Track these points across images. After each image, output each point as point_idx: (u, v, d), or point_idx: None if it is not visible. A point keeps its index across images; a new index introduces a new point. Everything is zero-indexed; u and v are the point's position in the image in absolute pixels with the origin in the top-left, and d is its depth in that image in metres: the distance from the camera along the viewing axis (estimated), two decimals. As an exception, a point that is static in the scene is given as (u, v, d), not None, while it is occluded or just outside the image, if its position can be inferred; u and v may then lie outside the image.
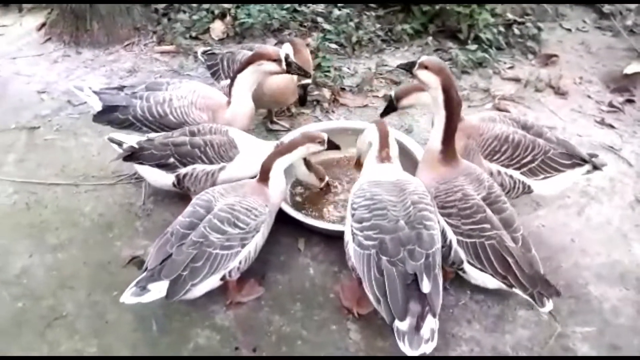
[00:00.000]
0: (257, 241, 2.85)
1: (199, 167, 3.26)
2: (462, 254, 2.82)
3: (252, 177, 3.12)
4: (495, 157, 3.27)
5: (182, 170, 3.27)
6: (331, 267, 3.23)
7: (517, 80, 4.94)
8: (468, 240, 2.79)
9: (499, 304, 3.04)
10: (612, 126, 4.41)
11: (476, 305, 3.05)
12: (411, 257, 2.51)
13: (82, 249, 3.32)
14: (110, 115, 3.60)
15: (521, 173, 3.26)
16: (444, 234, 2.85)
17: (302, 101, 4.06)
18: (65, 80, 4.87)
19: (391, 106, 3.66)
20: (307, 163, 3.47)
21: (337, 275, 3.19)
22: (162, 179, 3.34)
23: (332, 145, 3.28)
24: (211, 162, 3.27)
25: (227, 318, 2.95)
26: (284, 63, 3.43)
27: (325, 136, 3.21)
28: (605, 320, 2.98)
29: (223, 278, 2.81)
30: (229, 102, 3.56)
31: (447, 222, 2.85)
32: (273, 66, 3.45)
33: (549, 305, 2.70)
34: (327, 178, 3.57)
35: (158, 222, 3.50)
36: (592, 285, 3.15)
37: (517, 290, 2.73)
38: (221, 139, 3.29)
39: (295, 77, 3.87)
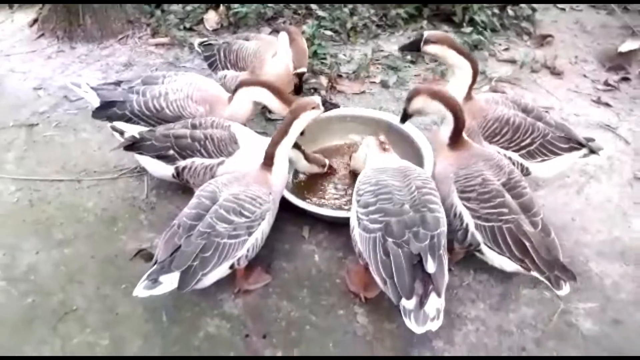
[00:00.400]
0: (263, 229, 2.88)
1: (198, 161, 3.28)
2: (479, 237, 2.88)
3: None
4: (495, 139, 3.31)
5: (182, 163, 3.29)
6: (336, 253, 3.27)
7: (512, 61, 4.96)
8: (486, 224, 2.85)
9: (502, 283, 3.09)
10: (608, 105, 4.45)
11: (480, 285, 3.10)
12: (416, 238, 2.57)
13: (88, 244, 3.34)
14: (108, 111, 3.61)
15: (520, 155, 3.31)
16: (460, 218, 2.92)
17: (298, 90, 4.03)
18: (61, 76, 4.86)
19: (417, 45, 3.49)
20: (305, 156, 3.49)
21: (342, 261, 3.23)
22: (162, 170, 3.36)
23: (330, 105, 3.29)
24: (210, 156, 3.28)
25: (236, 306, 2.98)
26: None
27: (317, 99, 3.15)
28: (607, 296, 3.03)
29: (232, 266, 2.84)
30: (230, 99, 3.56)
31: (466, 206, 2.91)
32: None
33: (566, 288, 2.74)
34: (327, 162, 3.61)
35: (162, 214, 3.52)
36: (593, 262, 3.20)
37: (534, 273, 2.78)
38: (222, 134, 3.30)
39: (291, 65, 3.86)
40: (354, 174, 3.55)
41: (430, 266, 2.51)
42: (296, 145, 3.36)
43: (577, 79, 4.79)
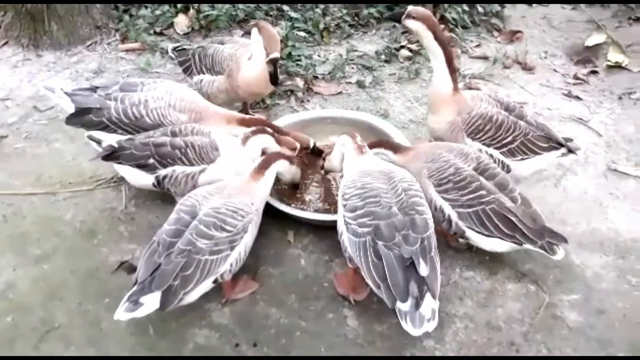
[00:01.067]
0: (246, 242, 2.85)
1: (179, 169, 3.23)
2: (464, 224, 2.96)
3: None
4: (478, 136, 3.37)
5: (162, 172, 3.23)
6: (322, 256, 3.26)
7: (485, 58, 5.03)
8: (470, 210, 2.93)
9: (488, 279, 3.13)
10: (579, 98, 4.55)
11: (466, 282, 3.13)
12: (406, 241, 2.58)
13: (67, 258, 3.25)
14: (83, 117, 3.51)
15: (501, 153, 3.37)
16: (442, 210, 2.98)
17: (274, 79, 3.83)
18: (29, 85, 4.71)
19: (398, 17, 3.47)
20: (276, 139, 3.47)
21: (328, 264, 3.22)
22: (142, 179, 3.29)
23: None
24: (191, 164, 3.23)
25: (224, 315, 2.95)
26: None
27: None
28: (589, 286, 3.10)
29: (215, 281, 2.80)
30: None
31: (445, 198, 2.98)
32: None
33: (561, 252, 2.91)
34: (312, 141, 3.61)
35: (142, 225, 3.45)
36: (574, 254, 3.26)
37: (527, 246, 2.90)
38: (202, 141, 3.24)
39: (267, 66, 3.80)
40: (326, 173, 3.55)
41: (423, 269, 2.53)
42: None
43: (548, 74, 4.88)
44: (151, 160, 3.22)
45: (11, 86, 4.71)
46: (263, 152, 3.35)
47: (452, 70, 3.39)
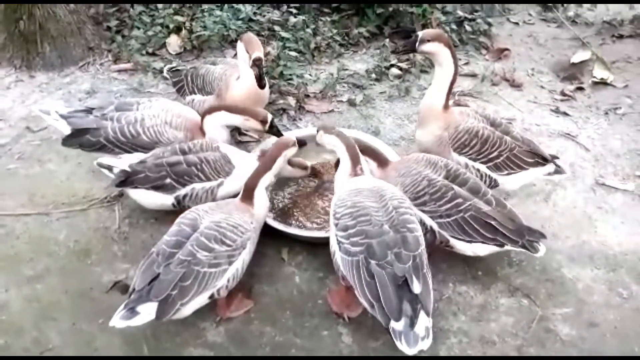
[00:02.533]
0: (244, 258, 2.87)
1: (198, 186, 3.25)
2: (447, 233, 3.02)
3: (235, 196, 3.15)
4: (464, 151, 3.43)
5: (182, 191, 3.25)
6: (316, 273, 3.27)
7: (473, 75, 5.11)
8: (449, 219, 3.00)
9: (481, 294, 3.16)
10: (566, 114, 4.63)
11: (459, 297, 3.15)
12: (398, 260, 2.60)
13: (60, 278, 3.24)
14: (80, 138, 3.54)
15: (487, 167, 3.42)
16: (423, 223, 3.03)
17: (260, 81, 3.73)
18: (21, 106, 4.72)
19: (412, 46, 3.46)
20: (288, 161, 3.50)
21: (322, 281, 3.23)
22: (160, 200, 3.30)
23: (301, 143, 3.38)
24: (209, 179, 3.27)
25: (218, 334, 2.94)
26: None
27: (293, 138, 3.29)
28: (581, 299, 3.13)
29: (212, 296, 2.80)
30: (201, 129, 3.57)
31: (424, 211, 3.04)
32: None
33: (542, 249, 3.00)
34: (309, 164, 3.63)
35: (136, 244, 3.45)
36: (566, 267, 3.30)
37: (509, 247, 2.99)
38: (215, 155, 3.30)
39: (255, 85, 3.81)
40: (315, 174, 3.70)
41: (416, 287, 2.55)
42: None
43: (535, 90, 4.97)
44: (168, 180, 3.23)
45: (3, 107, 4.71)
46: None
47: (452, 87, 3.48)
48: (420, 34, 3.42)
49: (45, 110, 3.64)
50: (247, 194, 3.05)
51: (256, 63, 3.66)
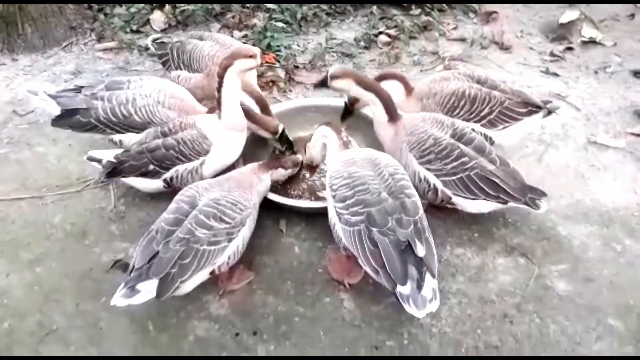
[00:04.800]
0: (244, 235, 2.87)
1: (181, 168, 3.24)
2: (450, 191, 3.06)
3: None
4: (455, 113, 3.44)
5: (167, 175, 3.24)
6: (315, 243, 3.29)
7: (462, 39, 5.09)
8: (454, 177, 3.04)
9: (479, 255, 3.20)
10: (556, 74, 4.63)
11: (457, 259, 3.19)
12: (400, 225, 2.62)
13: (60, 261, 3.23)
14: (70, 119, 3.50)
15: (482, 125, 3.44)
16: (427, 181, 3.07)
17: (289, 145, 3.75)
18: (6, 90, 4.66)
19: (324, 83, 3.41)
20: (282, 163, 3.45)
21: (321, 250, 3.26)
22: (151, 185, 3.31)
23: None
24: (189, 160, 3.24)
25: (222, 306, 2.97)
26: (259, 57, 3.24)
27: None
28: (576, 256, 3.18)
29: (212, 272, 2.82)
30: (219, 115, 3.35)
31: (429, 169, 3.07)
32: (249, 62, 3.22)
33: (544, 205, 3.06)
34: (301, 159, 3.56)
35: (133, 223, 3.45)
36: (560, 226, 3.35)
37: (512, 204, 3.03)
38: (192, 134, 3.24)
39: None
40: (310, 166, 3.57)
41: (420, 250, 2.58)
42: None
43: (525, 52, 4.96)
44: (151, 167, 3.22)
45: (-12, 92, 4.64)
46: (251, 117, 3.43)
47: (389, 103, 3.28)
48: (330, 70, 3.32)
49: (33, 90, 3.58)
50: (263, 169, 3.18)
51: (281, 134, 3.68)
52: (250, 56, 3.19)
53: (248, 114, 3.46)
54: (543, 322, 2.85)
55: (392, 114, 3.26)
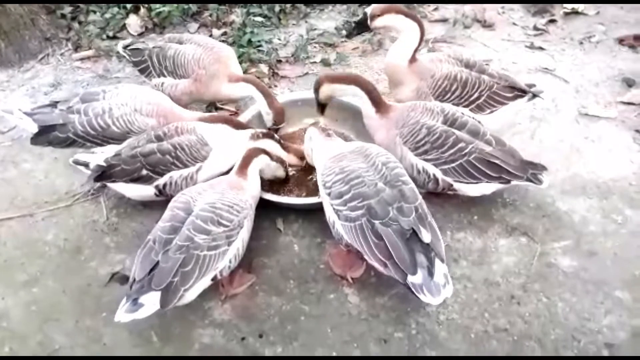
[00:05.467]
0: (242, 237, 2.82)
1: (176, 174, 3.15)
2: (451, 180, 3.03)
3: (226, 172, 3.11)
4: (445, 97, 3.41)
5: (160, 181, 3.16)
6: (314, 239, 3.25)
7: (444, 20, 5.03)
8: (454, 164, 3.00)
9: (480, 238, 3.17)
10: (542, 48, 4.60)
11: (459, 243, 3.16)
12: (401, 214, 2.57)
13: (56, 279, 3.16)
14: (48, 136, 3.40)
15: (470, 110, 3.40)
16: (425, 172, 3.03)
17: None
18: (-15, 108, 4.53)
19: (364, 25, 3.49)
20: (283, 146, 3.42)
21: (321, 246, 3.21)
22: (142, 191, 3.22)
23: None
24: (185, 166, 3.16)
25: (225, 312, 2.92)
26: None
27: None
28: (578, 231, 3.17)
29: (214, 278, 2.76)
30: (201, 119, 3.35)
31: (426, 159, 3.02)
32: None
33: (546, 179, 3.06)
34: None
35: (128, 234, 3.38)
36: (560, 201, 3.33)
37: (515, 182, 3.02)
38: (190, 139, 3.17)
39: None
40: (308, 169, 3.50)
41: (426, 236, 2.54)
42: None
43: (508, 28, 4.92)
44: (144, 172, 3.14)
45: (-34, 111, 4.52)
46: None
47: (419, 46, 3.44)
48: (368, 10, 3.38)
49: (7, 110, 3.49)
50: (242, 168, 3.05)
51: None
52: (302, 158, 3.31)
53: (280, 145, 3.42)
54: (550, 301, 2.83)
55: (379, 105, 3.20)
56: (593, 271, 2.95)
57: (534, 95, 3.51)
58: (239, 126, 3.32)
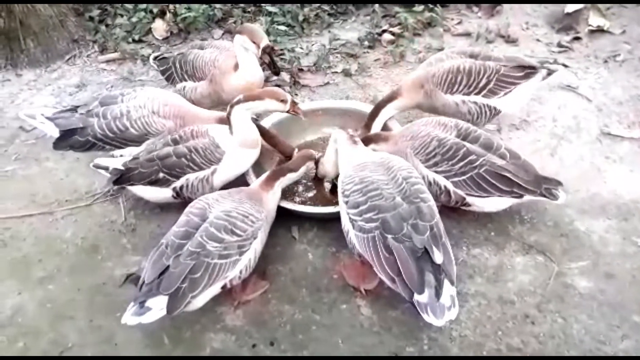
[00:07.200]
0: (255, 247, 2.83)
1: (192, 176, 3.19)
2: (462, 193, 3.00)
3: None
4: (455, 89, 3.48)
5: (177, 183, 3.19)
6: (328, 249, 3.25)
7: (467, 34, 5.01)
8: (464, 177, 2.98)
9: (496, 255, 3.14)
10: (565, 65, 4.54)
11: (474, 259, 3.13)
12: (416, 231, 2.56)
13: (72, 276, 3.21)
14: (69, 139, 3.48)
15: (483, 96, 3.47)
16: (437, 184, 3.02)
17: (274, 68, 3.88)
18: (12, 106, 4.63)
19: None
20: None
21: (335, 255, 3.21)
22: (160, 194, 3.26)
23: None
24: (201, 168, 3.19)
25: (237, 317, 2.93)
26: (288, 104, 3.27)
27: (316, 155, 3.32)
28: (597, 251, 3.12)
29: (224, 287, 2.77)
30: (219, 119, 3.43)
31: (437, 171, 3.02)
32: (278, 105, 3.28)
33: (562, 195, 3.00)
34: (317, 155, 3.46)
35: (145, 235, 3.42)
36: (578, 221, 3.28)
37: (528, 197, 2.97)
38: (204, 142, 3.20)
39: (254, 75, 3.83)
40: (319, 179, 3.41)
41: (438, 256, 2.52)
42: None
43: (532, 44, 4.88)
44: (161, 175, 3.18)
45: (-6, 109, 4.63)
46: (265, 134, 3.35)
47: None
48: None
49: (30, 114, 3.58)
50: (270, 181, 3.06)
51: (267, 51, 3.71)
52: (282, 100, 3.21)
53: (265, 134, 3.45)
54: (566, 322, 2.79)
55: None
56: (610, 293, 2.90)
57: (549, 73, 3.54)
58: None
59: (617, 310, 2.82)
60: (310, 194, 3.53)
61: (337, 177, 3.22)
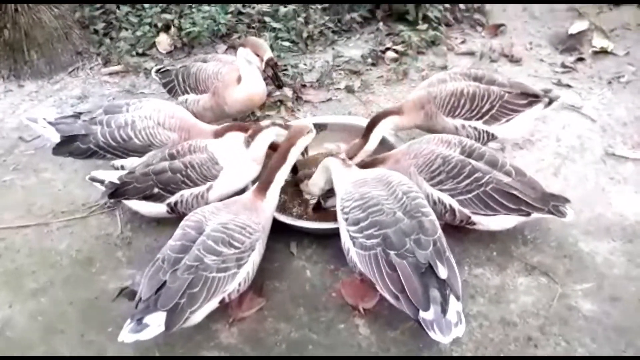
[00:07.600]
0: (253, 260, 2.77)
1: (187, 192, 3.15)
2: (468, 211, 2.93)
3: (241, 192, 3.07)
4: (457, 113, 3.42)
5: (172, 199, 3.15)
6: (327, 266, 3.19)
7: (471, 54, 5.01)
8: (470, 195, 2.92)
9: (498, 275, 3.07)
10: (569, 86, 4.52)
11: (476, 279, 3.07)
12: (418, 246, 2.50)
13: (65, 289, 3.15)
14: (70, 146, 3.44)
15: (484, 122, 3.42)
16: (442, 203, 2.95)
17: (277, 81, 3.88)
18: (12, 117, 4.62)
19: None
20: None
21: (334, 273, 3.15)
22: (154, 209, 3.22)
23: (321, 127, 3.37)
24: (196, 185, 3.15)
25: (232, 335, 2.86)
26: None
27: (310, 124, 3.20)
28: (601, 273, 3.05)
29: (222, 301, 2.71)
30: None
31: (442, 190, 2.95)
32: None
33: (570, 212, 2.92)
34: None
35: (140, 249, 3.36)
36: (582, 242, 3.22)
37: (535, 215, 2.91)
38: (201, 158, 3.16)
39: (257, 88, 3.82)
40: (318, 207, 3.35)
41: (442, 271, 2.47)
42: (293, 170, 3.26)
43: (535, 64, 4.86)
44: (156, 190, 3.13)
45: (-6, 119, 4.62)
46: (274, 147, 3.24)
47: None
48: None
49: (32, 118, 3.56)
50: (262, 189, 2.95)
51: (270, 64, 3.71)
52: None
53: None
54: (569, 345, 2.71)
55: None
56: (615, 317, 2.83)
57: (551, 101, 3.50)
58: (247, 130, 3.31)
59: (622, 335, 2.74)
60: (309, 209, 3.47)
61: (323, 195, 3.21)
